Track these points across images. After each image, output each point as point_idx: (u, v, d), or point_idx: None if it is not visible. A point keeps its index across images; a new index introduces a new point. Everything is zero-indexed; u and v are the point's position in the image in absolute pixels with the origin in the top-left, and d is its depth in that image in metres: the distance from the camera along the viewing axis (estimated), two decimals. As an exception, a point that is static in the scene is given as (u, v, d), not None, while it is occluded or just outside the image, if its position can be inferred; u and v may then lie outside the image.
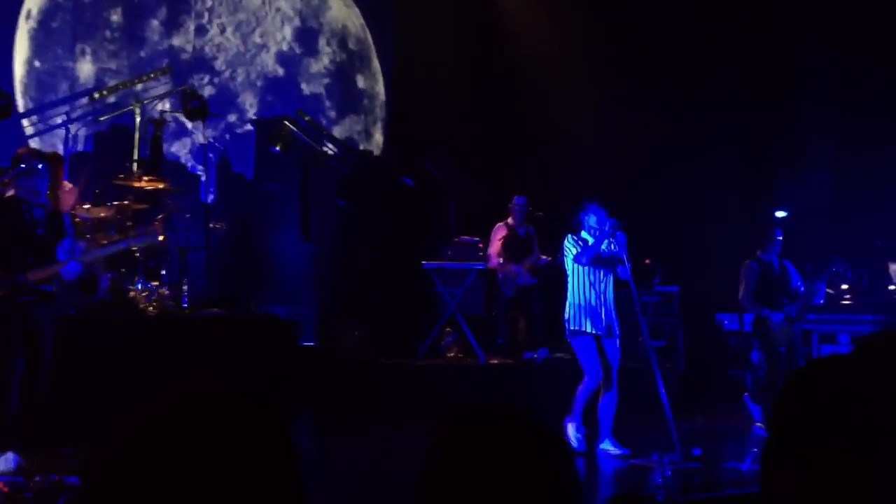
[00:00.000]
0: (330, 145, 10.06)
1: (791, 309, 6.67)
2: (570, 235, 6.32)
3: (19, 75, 9.04)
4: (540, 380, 7.89)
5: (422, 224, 9.85)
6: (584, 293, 6.19)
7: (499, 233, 8.86)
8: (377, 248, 9.88)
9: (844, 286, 6.63)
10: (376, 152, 10.71)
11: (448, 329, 8.80)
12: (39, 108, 9.21)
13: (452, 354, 8.72)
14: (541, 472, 1.21)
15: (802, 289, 6.79)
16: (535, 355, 8.40)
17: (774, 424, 1.22)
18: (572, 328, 6.23)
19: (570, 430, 6.17)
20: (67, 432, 5.51)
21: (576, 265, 6.22)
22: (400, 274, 9.48)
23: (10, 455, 4.79)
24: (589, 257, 6.15)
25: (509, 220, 8.90)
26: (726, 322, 8.69)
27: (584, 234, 6.29)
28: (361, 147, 10.65)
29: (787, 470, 1.17)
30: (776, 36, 9.99)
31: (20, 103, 8.94)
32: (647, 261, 7.94)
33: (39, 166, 5.22)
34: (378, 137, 10.78)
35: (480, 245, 9.02)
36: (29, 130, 9.07)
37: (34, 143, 8.88)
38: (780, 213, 8.90)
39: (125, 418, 1.10)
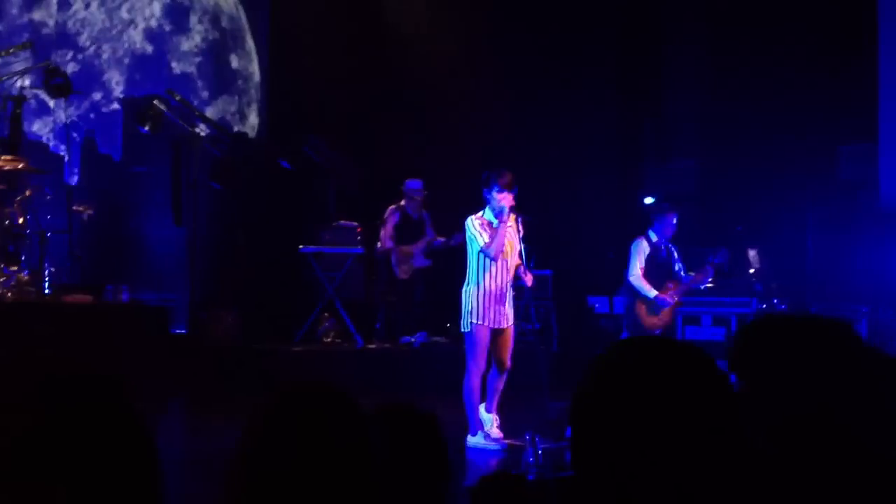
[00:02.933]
0: (203, 126, 9.78)
1: (676, 293, 6.77)
2: (472, 217, 5.81)
3: None
4: (418, 364, 7.93)
5: (299, 208, 9.71)
6: (486, 282, 5.75)
7: (392, 216, 8.86)
8: (253, 233, 9.68)
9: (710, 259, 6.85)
10: (251, 134, 10.48)
11: (326, 314, 8.73)
12: None
13: (330, 339, 8.65)
14: (357, 449, 1.20)
15: (683, 273, 6.90)
16: (413, 339, 8.43)
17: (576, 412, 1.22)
18: (472, 320, 5.75)
19: (481, 439, 5.73)
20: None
21: (473, 252, 5.77)
22: (276, 259, 9.33)
23: None
24: (498, 249, 5.70)
25: (402, 203, 8.89)
26: (597, 305, 8.93)
27: (487, 213, 5.79)
28: (236, 129, 10.39)
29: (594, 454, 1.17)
30: (644, 19, 10.30)
31: None
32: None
33: None
34: (253, 119, 10.55)
35: (359, 230, 8.97)
36: None
37: None
38: (648, 199, 9.19)
39: None
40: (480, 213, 5.84)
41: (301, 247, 8.86)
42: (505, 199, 5.73)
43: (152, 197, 9.59)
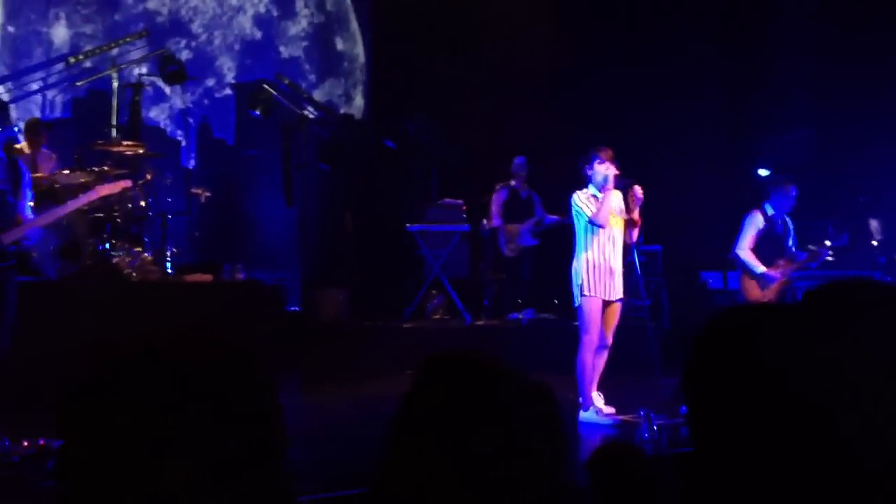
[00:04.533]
0: (311, 109, 9.98)
1: (786, 271, 6.54)
2: (577, 193, 5.88)
3: (-8, 41, 8.88)
4: (526, 340, 7.92)
5: (405, 186, 9.81)
6: (595, 255, 5.78)
7: (499, 194, 8.88)
8: (360, 212, 9.84)
9: (827, 242, 6.58)
10: (357, 115, 10.63)
11: (433, 291, 8.82)
12: (15, 74, 9.06)
13: (438, 316, 8.74)
14: (515, 417, 1.20)
15: (795, 250, 6.66)
16: (521, 316, 8.44)
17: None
18: (584, 293, 5.77)
19: (593, 415, 5.71)
20: (51, 399, 5.50)
21: (588, 225, 5.81)
22: (383, 237, 9.46)
23: None
24: (605, 217, 5.74)
25: (510, 182, 8.90)
26: (710, 280, 8.74)
27: (591, 189, 5.86)
28: (342, 110, 10.56)
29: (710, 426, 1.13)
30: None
31: (-6, 68, 8.79)
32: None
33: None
34: (359, 100, 10.70)
35: (464, 207, 9.01)
36: (5, 97, 8.92)
37: (10, 111, 8.74)
38: (762, 171, 8.91)
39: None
40: (584, 189, 5.90)
41: (407, 225, 8.96)
42: (608, 169, 5.77)
43: (264, 179, 9.85)
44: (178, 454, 1.02)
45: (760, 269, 6.51)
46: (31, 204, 5.14)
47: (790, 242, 6.66)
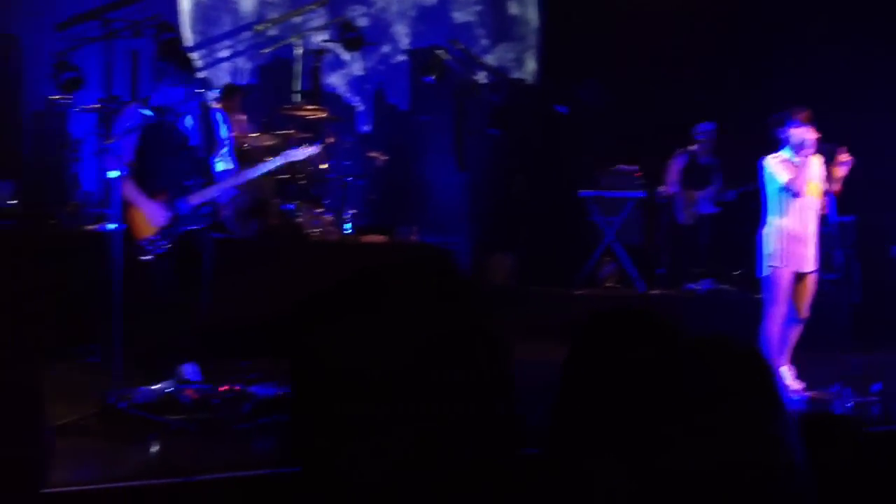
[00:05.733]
0: (483, 74, 9.99)
1: None
2: (769, 156, 5.58)
3: (186, 9, 9.36)
4: (703, 311, 7.69)
5: (576, 153, 9.69)
6: (788, 223, 5.51)
7: (678, 160, 8.65)
8: (531, 177, 9.80)
9: None
10: (529, 80, 10.56)
11: (606, 258, 8.70)
12: (206, 42, 9.52)
13: (610, 284, 8.62)
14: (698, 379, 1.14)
15: None
16: (698, 287, 8.20)
17: None
18: (773, 263, 5.52)
19: (788, 380, 5.53)
20: (243, 347, 5.82)
21: (778, 192, 5.52)
22: (554, 203, 9.40)
23: (191, 367, 5.02)
24: (802, 184, 5.43)
25: (690, 147, 8.66)
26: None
27: (785, 152, 5.54)
28: (514, 75, 10.52)
29: None
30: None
31: (188, 37, 9.26)
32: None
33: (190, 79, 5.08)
34: (530, 65, 10.62)
35: (639, 174, 8.82)
36: (197, 64, 9.40)
37: (202, 76, 9.21)
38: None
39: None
40: (777, 153, 5.60)
41: (580, 191, 8.85)
42: (806, 132, 5.45)
43: (436, 144, 9.96)
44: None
45: None
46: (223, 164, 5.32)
47: None
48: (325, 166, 7.93)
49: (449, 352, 1.03)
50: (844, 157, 5.53)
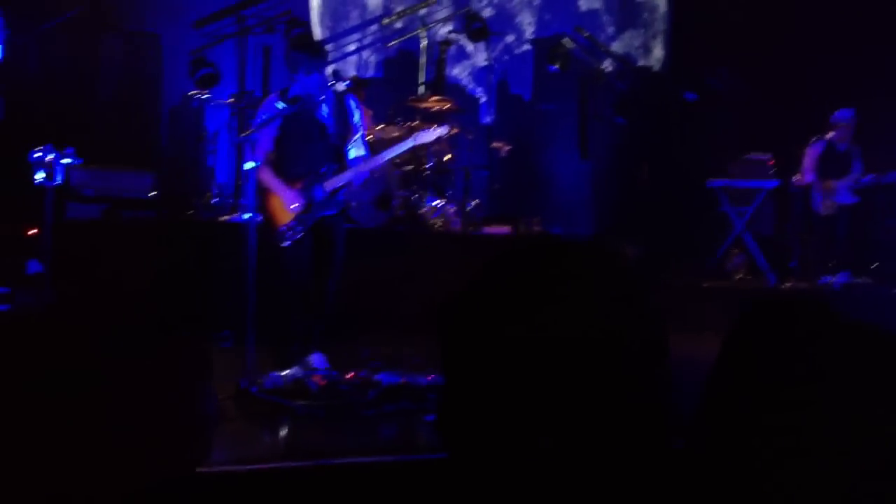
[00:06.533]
0: (608, 62, 9.84)
1: None
2: None
3: (315, 4, 9.58)
4: (838, 307, 7.34)
5: (705, 140, 9.43)
6: None
7: (814, 147, 8.32)
8: (657, 166, 9.60)
9: None
10: (656, 67, 10.34)
11: (735, 250, 8.44)
12: (334, 37, 9.73)
13: (740, 276, 8.36)
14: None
15: None
16: (833, 280, 7.85)
17: None
18: None
19: None
20: (366, 337, 5.93)
21: None
22: (682, 193, 9.17)
23: (318, 355, 5.16)
24: None
25: (828, 135, 8.31)
26: None
27: None
28: (641, 63, 10.32)
29: None
30: None
31: (318, 31, 9.48)
32: None
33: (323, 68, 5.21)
34: (658, 52, 10.39)
35: (771, 162, 8.51)
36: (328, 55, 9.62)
37: (330, 69, 9.42)
38: None
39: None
40: None
41: (709, 180, 8.61)
42: None
43: (560, 133, 9.88)
44: None
45: None
46: (356, 150, 5.42)
47: None
48: (449, 157, 7.99)
49: (611, 352, 1.02)
50: None
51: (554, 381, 1.01)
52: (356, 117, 5.43)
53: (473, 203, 8.04)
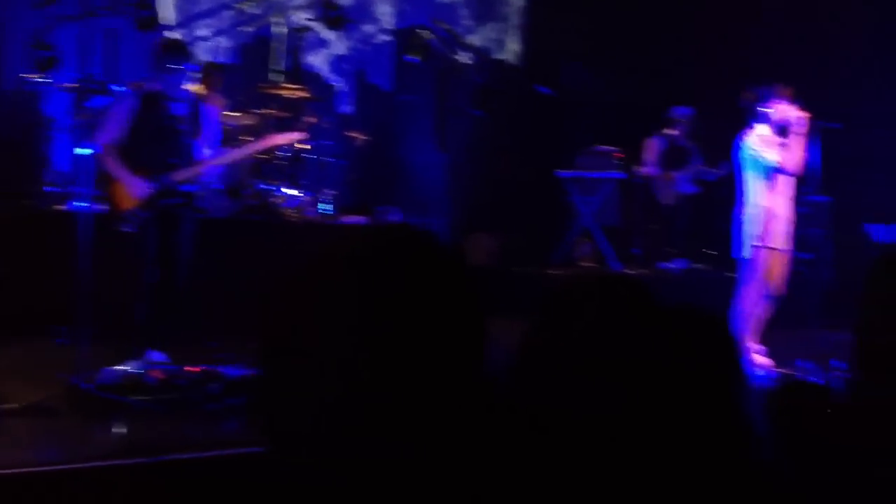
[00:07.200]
0: (466, 54, 9.96)
1: None
2: (748, 135, 5.53)
3: (166, -12, 9.28)
4: (676, 291, 7.72)
5: (558, 134, 9.70)
6: (771, 202, 5.48)
7: (656, 142, 8.67)
8: (512, 159, 9.80)
9: None
10: (512, 61, 10.54)
11: (582, 239, 8.74)
12: (186, 21, 9.46)
13: (586, 264, 8.66)
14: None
15: None
16: (672, 266, 8.25)
17: None
18: (755, 243, 5.51)
19: (756, 357, 5.52)
20: (212, 328, 5.83)
21: (759, 172, 5.46)
22: (534, 184, 9.41)
23: (153, 354, 5.01)
24: (799, 163, 5.38)
25: (667, 131, 8.67)
26: (876, 233, 8.27)
27: (763, 129, 5.46)
28: (497, 56, 10.50)
29: None
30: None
31: (168, 15, 9.19)
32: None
33: (184, 66, 5.24)
34: (513, 45, 10.59)
35: (618, 155, 8.84)
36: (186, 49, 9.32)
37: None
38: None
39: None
40: (754, 131, 5.57)
41: (558, 171, 8.87)
42: (790, 109, 5.44)
43: (418, 125, 9.94)
44: None
45: None
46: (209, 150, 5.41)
47: None
48: (304, 146, 7.92)
49: (424, 330, 1.03)
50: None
51: (371, 367, 1.00)
52: (210, 121, 5.45)
53: (330, 193, 8.01)
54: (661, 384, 1.10)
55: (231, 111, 7.75)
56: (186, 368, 4.71)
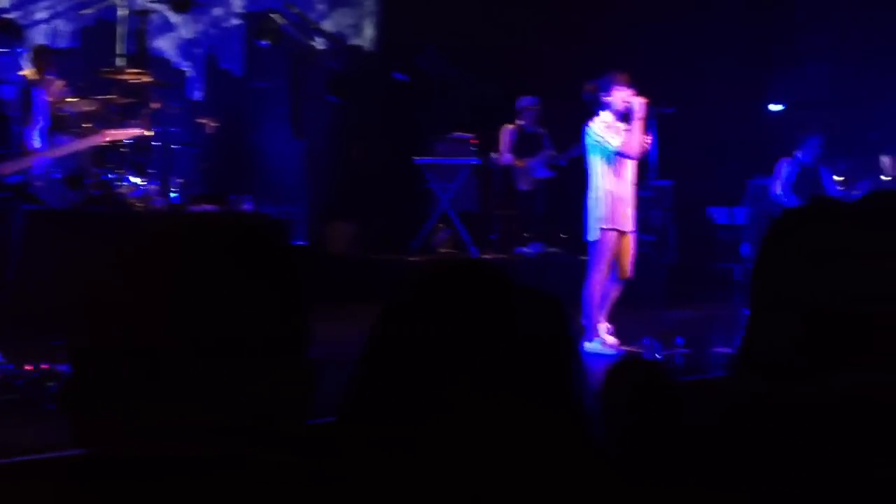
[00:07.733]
0: (320, 40, 9.85)
1: None
2: (592, 122, 5.68)
3: (-3, -34, 8.75)
4: (533, 274, 7.91)
5: (414, 120, 9.73)
6: (615, 185, 5.62)
7: (508, 133, 8.80)
8: (369, 145, 9.77)
9: (838, 178, 6.66)
10: (367, 47, 10.48)
11: (440, 225, 8.81)
12: (23, 2, 8.95)
13: (445, 250, 8.74)
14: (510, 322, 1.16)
15: (836, 194, 6.85)
16: (528, 250, 8.43)
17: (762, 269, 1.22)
18: (602, 226, 5.64)
19: (598, 345, 5.62)
20: (54, 325, 5.54)
21: (603, 157, 5.61)
22: (392, 170, 9.41)
23: None
24: (639, 147, 5.54)
25: (517, 122, 8.81)
26: (717, 216, 8.71)
27: (606, 116, 5.62)
28: (352, 42, 10.42)
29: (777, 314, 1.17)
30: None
31: (0, -4, 8.67)
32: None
33: (17, 48, 4.98)
34: (369, 31, 10.53)
35: (474, 141, 8.94)
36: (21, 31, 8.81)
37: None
38: (775, 107, 8.77)
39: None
40: (598, 118, 5.75)
41: (415, 158, 8.90)
42: (630, 96, 5.63)
43: (272, 111, 9.76)
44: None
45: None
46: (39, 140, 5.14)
47: (830, 189, 6.95)
48: (150, 133, 7.64)
49: (238, 317, 1.00)
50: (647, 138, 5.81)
51: (181, 361, 0.98)
52: (41, 108, 5.14)
53: (178, 181, 7.76)
54: (500, 364, 1.12)
55: (71, 97, 7.37)
56: (24, 368, 4.46)
